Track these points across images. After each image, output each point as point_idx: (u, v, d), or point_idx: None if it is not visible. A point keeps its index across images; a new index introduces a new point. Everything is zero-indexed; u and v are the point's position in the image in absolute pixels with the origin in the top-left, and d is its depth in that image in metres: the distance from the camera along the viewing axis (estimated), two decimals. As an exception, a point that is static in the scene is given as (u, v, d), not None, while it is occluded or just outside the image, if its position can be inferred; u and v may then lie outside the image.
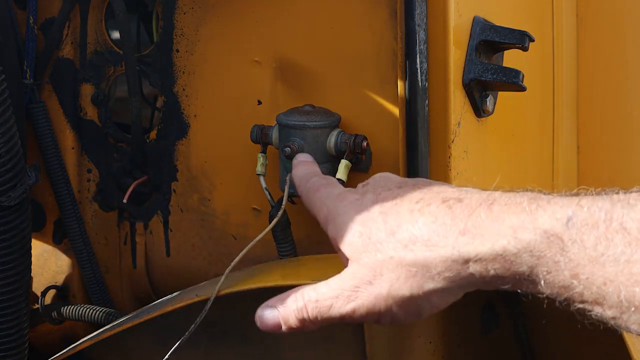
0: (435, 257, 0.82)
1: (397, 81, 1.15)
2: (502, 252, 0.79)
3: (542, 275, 0.77)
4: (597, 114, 1.50)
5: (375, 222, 0.87)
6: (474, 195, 0.84)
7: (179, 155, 1.33)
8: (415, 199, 0.86)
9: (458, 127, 1.16)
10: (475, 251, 0.80)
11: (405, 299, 0.85)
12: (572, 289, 0.76)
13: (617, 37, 1.50)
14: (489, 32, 1.16)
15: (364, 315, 0.88)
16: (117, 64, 1.36)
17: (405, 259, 0.84)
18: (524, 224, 0.78)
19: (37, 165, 1.24)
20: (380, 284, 0.86)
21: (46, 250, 1.42)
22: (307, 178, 1.03)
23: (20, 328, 1.22)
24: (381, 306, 0.87)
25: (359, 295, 0.87)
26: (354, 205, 0.90)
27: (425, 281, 0.84)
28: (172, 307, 1.11)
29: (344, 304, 0.88)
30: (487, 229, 0.80)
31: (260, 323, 0.93)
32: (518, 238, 0.78)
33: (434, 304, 0.86)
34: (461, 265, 0.81)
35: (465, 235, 0.81)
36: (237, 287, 1.08)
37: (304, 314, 0.90)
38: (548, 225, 0.77)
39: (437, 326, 1.23)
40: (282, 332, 0.92)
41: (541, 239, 0.77)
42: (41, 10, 1.36)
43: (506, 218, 0.79)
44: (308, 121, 1.16)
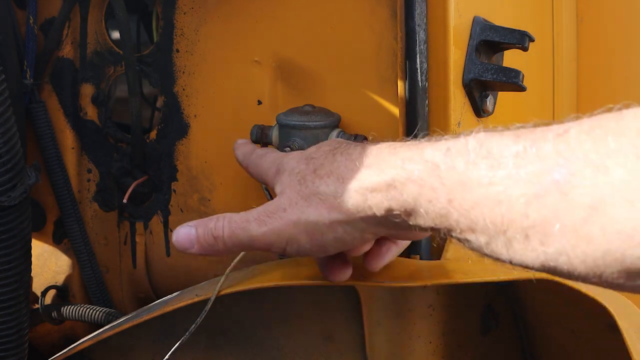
0: (342, 187, 0.90)
1: (397, 81, 1.15)
2: (392, 182, 0.84)
3: (424, 205, 0.81)
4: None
5: (306, 164, 0.96)
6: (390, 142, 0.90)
7: (179, 155, 1.33)
8: (343, 146, 0.95)
9: (458, 127, 1.16)
10: (371, 181, 0.87)
11: (311, 225, 0.92)
12: (449, 217, 0.79)
13: (617, 37, 1.50)
14: (489, 32, 1.16)
15: (273, 240, 0.95)
16: (117, 64, 1.36)
17: (319, 189, 0.92)
18: (412, 157, 0.84)
19: (37, 165, 1.24)
20: (292, 211, 0.93)
21: (46, 250, 1.42)
22: (250, 151, 1.14)
23: (20, 328, 1.22)
24: (289, 232, 0.94)
25: (272, 221, 0.94)
26: (296, 157, 0.99)
27: (331, 209, 0.91)
28: (172, 307, 1.11)
29: (256, 227, 0.95)
30: (384, 162, 0.86)
31: (175, 239, 1.00)
32: (405, 168, 0.83)
33: (339, 237, 0.92)
34: (361, 195, 0.88)
35: (367, 169, 0.88)
36: (237, 287, 1.08)
37: (219, 232, 0.97)
38: (430, 156, 0.82)
39: (437, 326, 1.23)
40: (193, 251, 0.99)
41: (423, 167, 0.82)
42: (41, 10, 1.36)
43: (401, 153, 0.85)
44: (308, 121, 1.16)
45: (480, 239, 0.77)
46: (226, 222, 0.97)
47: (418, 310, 1.21)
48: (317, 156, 0.96)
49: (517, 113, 1.31)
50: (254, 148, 1.16)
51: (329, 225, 0.91)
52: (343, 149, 0.94)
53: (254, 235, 0.95)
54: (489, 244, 0.77)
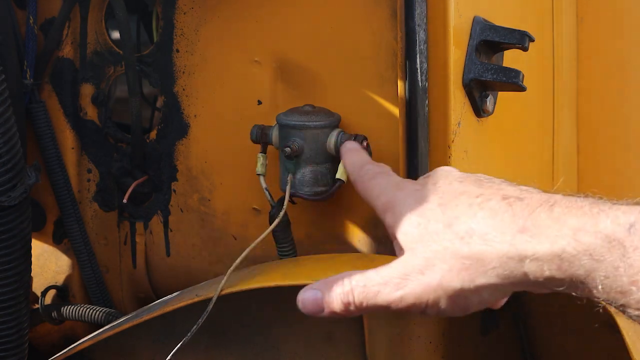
0: (491, 252, 0.81)
1: (397, 81, 1.15)
2: (561, 253, 0.78)
3: (600, 280, 0.77)
4: (597, 114, 1.50)
5: (434, 212, 0.86)
6: (534, 195, 0.83)
7: (179, 155, 1.33)
8: (475, 193, 0.86)
9: (458, 127, 1.16)
10: (532, 250, 0.79)
11: (455, 292, 0.84)
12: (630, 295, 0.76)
13: (617, 37, 1.50)
14: (489, 32, 1.16)
15: (411, 304, 0.86)
16: (117, 64, 1.36)
17: (461, 251, 0.83)
18: (585, 227, 0.77)
19: (37, 165, 1.24)
20: (431, 274, 0.85)
21: (46, 250, 1.42)
22: (360, 165, 1.03)
23: (20, 328, 1.22)
24: (429, 296, 0.86)
25: (408, 284, 0.86)
26: (414, 196, 0.90)
27: (477, 275, 0.83)
28: (172, 307, 1.11)
29: (391, 291, 0.87)
30: (546, 228, 0.79)
31: (302, 305, 0.92)
32: (578, 240, 0.77)
33: (483, 300, 0.85)
34: (516, 262, 0.80)
35: (524, 234, 0.80)
36: (238, 287, 1.08)
37: (349, 298, 0.89)
38: (610, 230, 0.76)
39: (437, 326, 1.23)
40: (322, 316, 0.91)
41: (602, 242, 0.76)
42: (41, 10, 1.36)
43: (567, 220, 0.79)
44: (308, 121, 1.16)
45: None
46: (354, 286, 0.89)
47: (418, 310, 1.21)
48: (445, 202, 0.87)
49: (517, 113, 1.31)
50: (364, 161, 1.06)
51: (475, 291, 0.84)
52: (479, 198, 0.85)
53: (389, 300, 0.87)
54: None
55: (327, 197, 1.18)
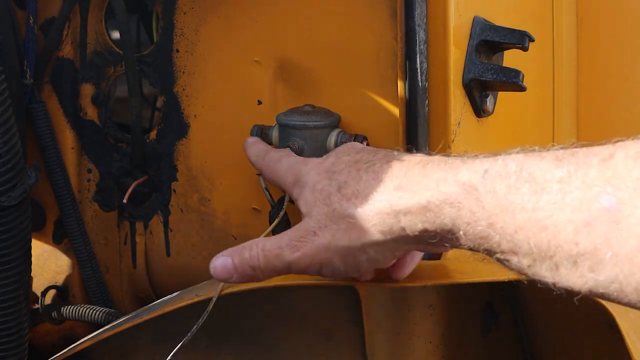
0: (372, 209, 0.88)
1: (397, 81, 1.15)
2: (427, 205, 0.83)
3: (463, 227, 0.81)
4: (597, 114, 1.50)
5: (329, 179, 0.94)
6: (415, 157, 0.89)
7: (178, 155, 1.33)
8: (366, 160, 0.93)
9: (458, 127, 1.16)
10: (404, 204, 0.85)
11: (344, 250, 0.91)
12: (490, 239, 0.79)
13: (617, 37, 1.50)
14: (489, 32, 1.16)
15: (307, 264, 0.93)
16: (117, 64, 1.36)
17: (347, 211, 0.90)
18: (447, 178, 0.82)
19: (37, 165, 1.24)
20: (323, 235, 0.92)
21: (46, 250, 1.42)
22: (263, 153, 1.12)
23: (20, 328, 1.22)
24: (322, 256, 0.92)
25: (304, 245, 0.93)
26: (316, 167, 0.97)
27: (362, 233, 0.89)
28: (172, 307, 1.11)
29: (290, 253, 0.94)
30: (416, 184, 0.85)
31: (213, 272, 0.98)
32: (440, 190, 0.82)
33: (372, 257, 0.91)
34: (393, 218, 0.86)
35: (399, 190, 0.86)
36: (238, 287, 1.08)
37: (255, 262, 0.96)
38: (466, 178, 0.81)
39: (437, 326, 1.23)
40: (232, 281, 0.98)
41: (460, 190, 0.81)
42: (41, 10, 1.36)
43: (434, 174, 0.84)
44: (308, 121, 1.16)
45: (523, 261, 0.77)
46: (260, 250, 0.96)
47: (418, 310, 1.21)
48: (339, 169, 0.94)
49: (517, 113, 1.31)
50: (267, 149, 1.14)
51: (361, 248, 0.90)
52: (366, 164, 0.92)
53: (288, 261, 0.94)
54: (531, 267, 0.77)
55: (327, 197, 1.18)
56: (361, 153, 0.96)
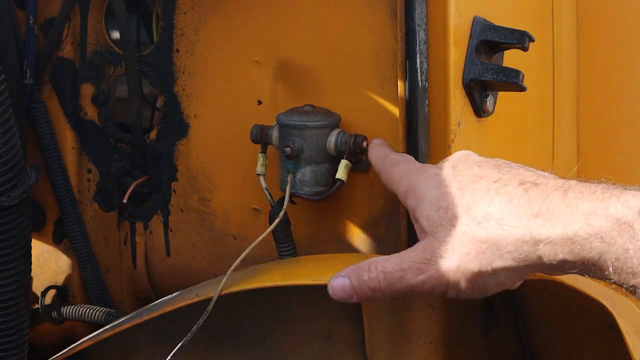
0: (507, 236, 0.85)
1: (397, 81, 1.15)
2: (573, 237, 0.81)
3: (611, 262, 0.79)
4: (597, 114, 1.50)
5: (453, 197, 0.90)
6: (550, 180, 0.86)
7: (179, 155, 1.33)
8: (493, 178, 0.89)
9: (458, 127, 1.16)
10: (546, 234, 0.82)
11: (473, 274, 0.88)
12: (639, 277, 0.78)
13: (617, 37, 1.50)
14: (489, 32, 1.16)
15: (433, 287, 0.90)
16: (117, 64, 1.36)
17: (478, 235, 0.86)
18: (596, 211, 0.80)
19: (37, 165, 1.24)
20: (450, 258, 0.88)
21: (46, 250, 1.42)
22: (384, 156, 1.08)
23: (20, 328, 1.22)
24: (449, 279, 0.89)
25: (430, 268, 0.90)
26: (434, 179, 0.93)
27: (494, 259, 0.86)
28: (172, 307, 1.11)
29: (414, 276, 0.91)
30: (560, 213, 0.82)
31: (332, 292, 0.96)
32: (590, 224, 0.80)
33: (500, 282, 0.89)
34: (531, 246, 0.84)
35: (539, 218, 0.83)
36: (238, 287, 1.08)
37: (375, 284, 0.93)
38: (620, 214, 0.79)
39: (437, 326, 1.23)
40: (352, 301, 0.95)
41: (612, 225, 0.79)
42: (41, 10, 1.36)
43: (579, 204, 0.81)
44: (308, 121, 1.16)
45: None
46: (379, 272, 0.93)
47: (418, 310, 1.21)
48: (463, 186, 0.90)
49: (517, 113, 1.31)
50: (388, 152, 1.10)
51: (492, 274, 0.88)
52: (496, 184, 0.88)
53: (412, 284, 0.91)
54: None
55: (327, 197, 1.18)
56: (484, 168, 0.92)
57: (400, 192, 0.99)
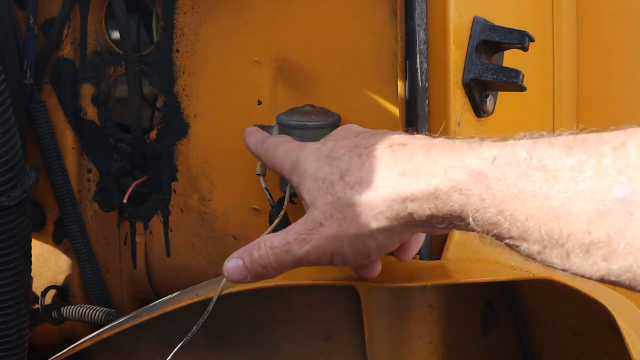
0: (377, 196, 0.87)
1: (397, 81, 1.15)
2: (434, 191, 0.83)
3: (472, 213, 0.80)
4: (597, 114, 1.50)
5: (330, 166, 0.93)
6: (418, 140, 0.89)
7: (179, 155, 1.33)
8: (366, 144, 0.92)
9: (458, 127, 1.16)
10: (411, 190, 0.85)
11: (352, 238, 0.91)
12: (499, 226, 0.79)
13: (617, 37, 1.50)
14: (489, 32, 1.16)
15: (318, 256, 0.93)
16: (117, 64, 1.36)
17: (352, 199, 0.89)
18: (454, 164, 0.82)
19: (37, 165, 1.24)
20: (330, 225, 0.91)
21: (46, 250, 1.42)
22: (262, 140, 1.11)
23: (20, 328, 1.22)
24: (332, 246, 0.92)
25: (312, 237, 0.93)
26: (314, 154, 0.96)
27: (369, 220, 0.89)
28: (172, 307, 1.11)
29: (299, 247, 0.93)
30: (421, 170, 0.85)
31: (228, 275, 0.98)
32: (448, 177, 0.82)
33: (380, 243, 0.92)
34: (400, 204, 0.86)
35: (404, 176, 0.86)
36: (238, 287, 1.08)
37: (266, 261, 0.96)
38: (475, 165, 0.81)
39: (437, 326, 1.23)
40: (247, 281, 0.98)
41: (468, 177, 0.81)
42: (41, 10, 1.36)
43: (440, 159, 0.84)
44: (308, 121, 1.16)
45: (533, 247, 0.77)
46: (268, 248, 0.96)
47: (418, 310, 1.21)
48: (339, 155, 0.93)
49: (517, 113, 1.31)
50: (266, 136, 1.13)
51: (369, 235, 0.90)
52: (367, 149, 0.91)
53: (298, 256, 0.94)
54: (541, 253, 0.77)
55: (327, 197, 1.18)
56: (360, 136, 0.95)
57: (285, 172, 1.01)
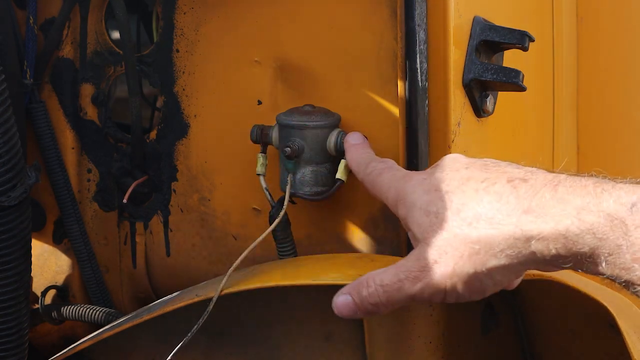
0: (498, 234, 0.85)
1: (397, 81, 1.15)
2: (565, 232, 0.81)
3: (604, 257, 0.79)
4: (597, 114, 1.50)
5: (442, 201, 0.89)
6: (539, 175, 0.86)
7: (179, 155, 1.33)
8: (481, 178, 0.89)
9: (458, 127, 1.16)
10: (538, 230, 0.82)
11: (469, 276, 0.88)
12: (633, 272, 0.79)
13: (617, 37, 1.50)
14: (489, 32, 1.16)
15: (432, 294, 0.90)
16: (117, 64, 1.36)
17: (470, 236, 0.86)
18: (588, 206, 0.80)
19: (37, 165, 1.24)
20: (445, 262, 0.88)
21: (46, 250, 1.42)
22: (365, 162, 1.07)
23: (20, 328, 1.22)
24: (447, 284, 0.89)
25: (426, 275, 0.89)
26: (422, 185, 0.93)
27: (488, 258, 0.86)
28: (172, 307, 1.11)
29: (411, 285, 0.91)
30: (551, 209, 0.82)
31: (337, 311, 0.96)
32: (582, 219, 0.80)
33: (497, 281, 0.89)
34: (523, 243, 0.83)
35: (529, 214, 0.83)
36: (238, 287, 1.08)
37: (376, 299, 0.93)
38: (612, 209, 0.79)
39: (437, 326, 1.23)
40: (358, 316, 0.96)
41: (605, 221, 0.79)
42: (41, 10, 1.36)
43: (571, 199, 0.81)
44: (308, 121, 1.16)
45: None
46: (378, 286, 0.93)
47: (418, 310, 1.21)
48: (452, 190, 0.90)
49: (517, 113, 1.31)
50: (369, 158, 1.08)
51: (487, 274, 0.88)
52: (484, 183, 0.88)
53: (411, 294, 0.91)
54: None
55: (327, 197, 1.18)
56: (471, 169, 0.92)
57: (389, 201, 0.98)
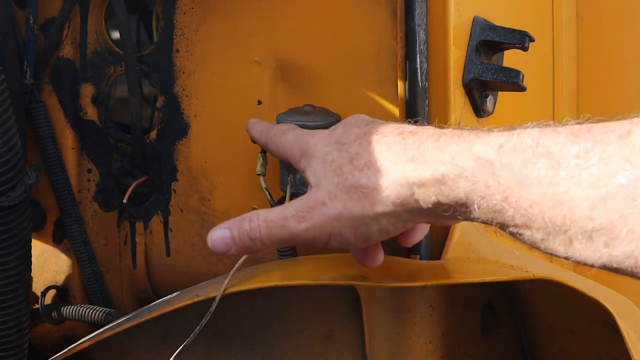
0: (385, 180, 0.88)
1: (397, 81, 1.15)
2: (442, 178, 0.84)
3: (477, 200, 0.81)
4: (597, 113, 1.50)
5: (339, 151, 0.93)
6: (428, 129, 0.90)
7: (179, 155, 1.33)
8: (377, 132, 0.93)
9: (458, 127, 1.16)
10: (418, 176, 0.86)
11: (355, 220, 0.91)
12: (504, 213, 0.80)
13: (617, 37, 1.50)
14: (489, 32, 1.16)
15: (315, 235, 0.93)
16: (117, 64, 1.36)
17: (360, 181, 0.90)
18: (461, 152, 0.83)
19: (37, 165, 1.24)
20: (333, 205, 0.92)
21: (46, 250, 1.42)
22: (267, 129, 1.11)
23: (20, 328, 1.22)
24: (332, 226, 0.92)
25: (312, 216, 0.93)
26: (324, 139, 0.97)
27: (375, 203, 0.89)
28: (172, 307, 1.11)
29: (297, 224, 0.93)
30: (430, 157, 0.86)
31: (212, 245, 0.98)
32: (455, 164, 0.83)
33: (383, 228, 0.91)
34: (407, 190, 0.87)
35: (412, 163, 0.87)
36: (238, 287, 1.08)
37: (256, 234, 0.95)
38: (482, 152, 0.82)
39: (437, 326, 1.23)
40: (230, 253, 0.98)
41: (475, 164, 0.81)
42: (41, 10, 1.36)
43: (448, 147, 0.85)
44: (308, 121, 1.16)
45: (536, 235, 0.78)
46: (261, 221, 0.95)
47: (418, 310, 1.21)
48: (349, 141, 0.94)
49: (517, 113, 1.31)
50: (271, 125, 1.13)
51: (373, 218, 0.90)
52: (378, 135, 0.92)
53: (294, 232, 0.94)
54: (544, 241, 0.78)
55: (327, 197, 1.18)
56: (370, 125, 0.96)
57: (294, 157, 1.01)
